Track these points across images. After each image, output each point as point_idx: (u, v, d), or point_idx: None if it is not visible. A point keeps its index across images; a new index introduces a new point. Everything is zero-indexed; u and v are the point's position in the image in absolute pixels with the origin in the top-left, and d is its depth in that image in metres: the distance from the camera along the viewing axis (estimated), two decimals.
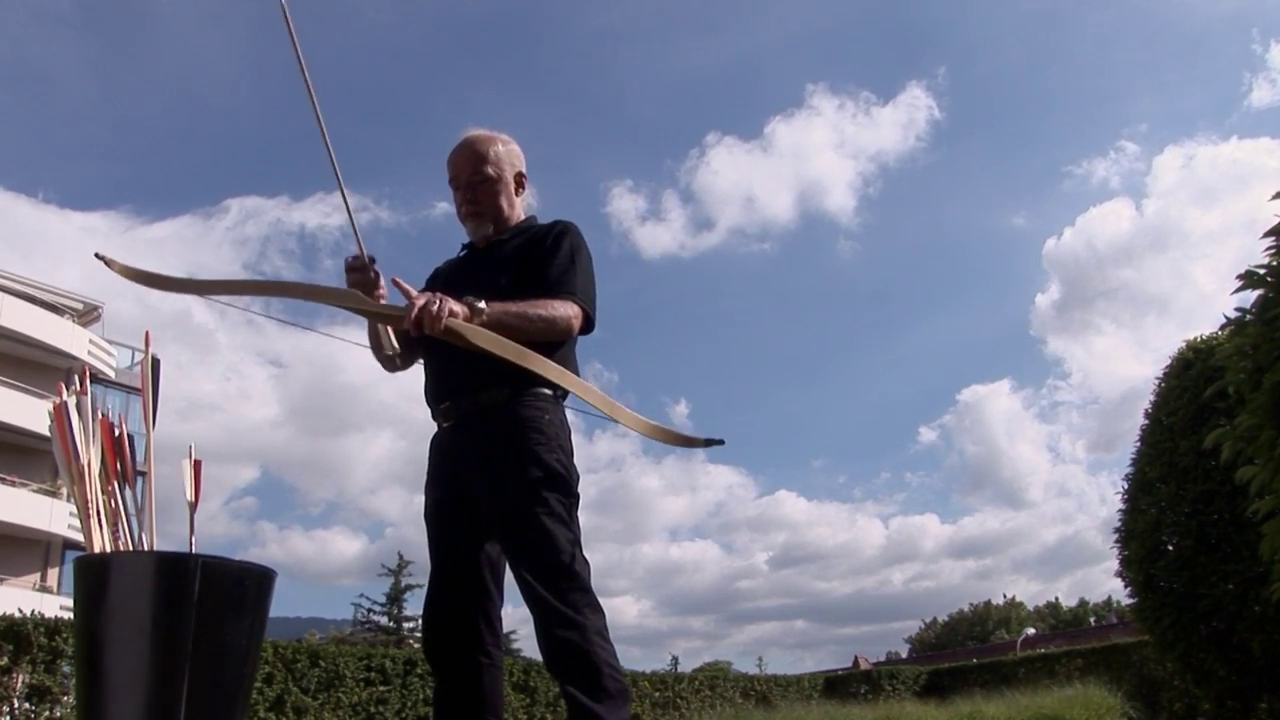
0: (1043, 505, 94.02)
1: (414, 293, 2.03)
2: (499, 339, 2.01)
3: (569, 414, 2.31)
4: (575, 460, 2.24)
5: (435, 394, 2.29)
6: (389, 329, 2.37)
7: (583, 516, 2.20)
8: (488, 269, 2.32)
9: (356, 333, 2.53)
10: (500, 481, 2.12)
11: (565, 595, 2.01)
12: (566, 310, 2.19)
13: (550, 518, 2.09)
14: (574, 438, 2.27)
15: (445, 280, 2.41)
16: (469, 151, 2.41)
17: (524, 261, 2.30)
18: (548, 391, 2.23)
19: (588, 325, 2.28)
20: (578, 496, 2.20)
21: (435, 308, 1.95)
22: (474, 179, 2.39)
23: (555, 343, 2.21)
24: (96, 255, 2.22)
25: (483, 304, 2.04)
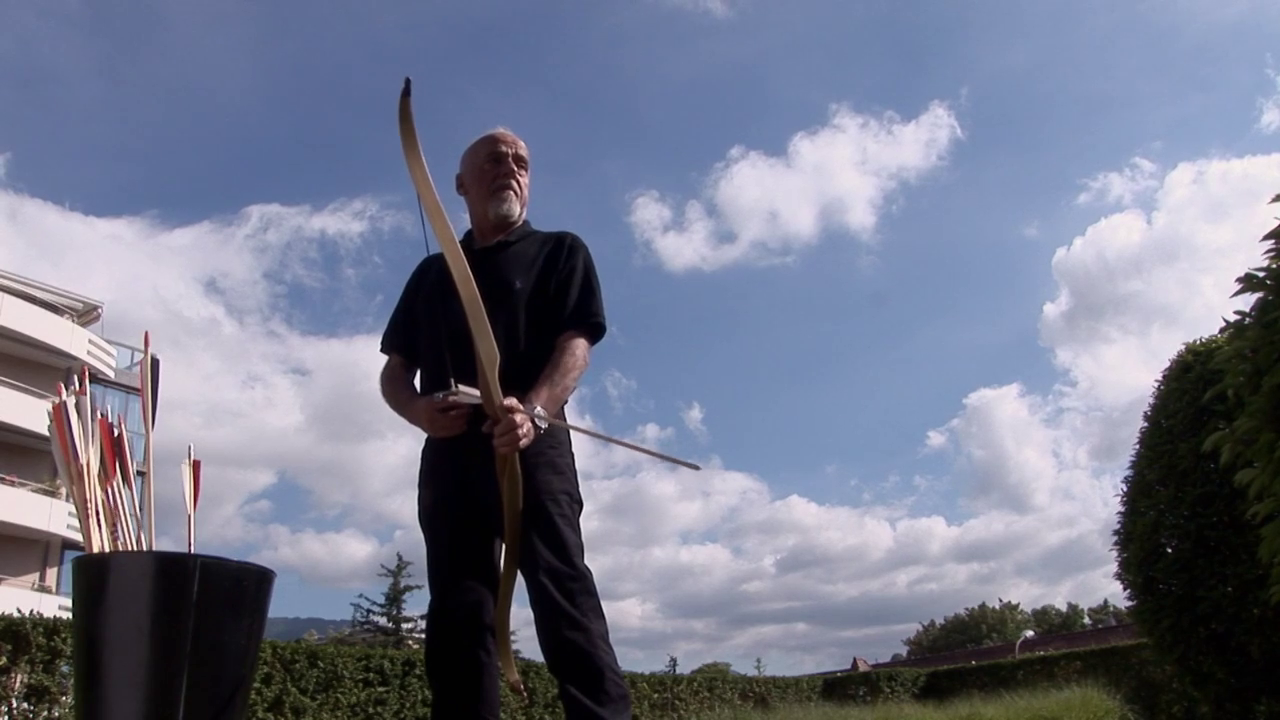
0: (1048, 509, 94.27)
1: (519, 408, 2.00)
2: (516, 493, 2.05)
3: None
4: (589, 465, 2.28)
5: (436, 392, 2.28)
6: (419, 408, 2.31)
7: (596, 520, 2.22)
8: (500, 271, 2.30)
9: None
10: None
11: (573, 597, 2.03)
12: (585, 352, 2.25)
13: (563, 520, 2.11)
14: (590, 444, 2.32)
15: (447, 280, 2.37)
16: (516, 137, 2.44)
17: (540, 272, 2.31)
18: None
19: (601, 335, 2.32)
20: (582, 503, 2.21)
21: (524, 434, 1.98)
22: (520, 159, 2.42)
23: None
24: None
25: (543, 418, 2.06)
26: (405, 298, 2.49)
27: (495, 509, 2.15)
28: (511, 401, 1.99)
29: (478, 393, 2.04)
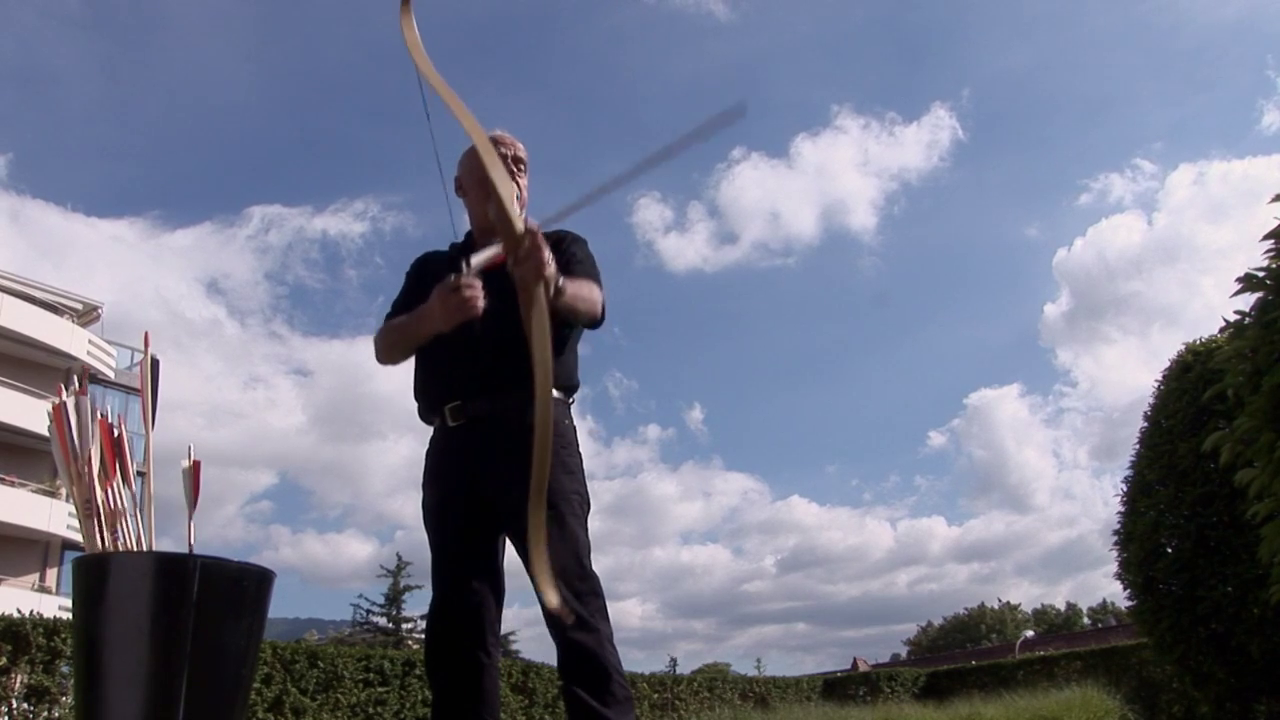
0: (1048, 509, 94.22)
1: (535, 227, 1.85)
2: (544, 328, 1.87)
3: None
4: (590, 465, 2.27)
5: (441, 393, 2.27)
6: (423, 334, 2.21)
7: (598, 520, 2.22)
8: (503, 272, 2.30)
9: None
10: (526, 485, 2.11)
11: (583, 599, 2.03)
12: (601, 297, 2.21)
13: (575, 520, 2.12)
14: (593, 445, 2.29)
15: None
16: (515, 139, 2.42)
17: None
18: (559, 395, 2.24)
19: (597, 324, 2.29)
20: (590, 503, 2.22)
21: (547, 262, 1.84)
22: (519, 161, 2.40)
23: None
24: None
25: (563, 281, 1.97)
26: (407, 285, 2.46)
27: (500, 509, 2.15)
28: (532, 224, 1.87)
29: (491, 249, 1.99)
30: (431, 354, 2.32)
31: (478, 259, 2.05)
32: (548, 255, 1.85)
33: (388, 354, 2.34)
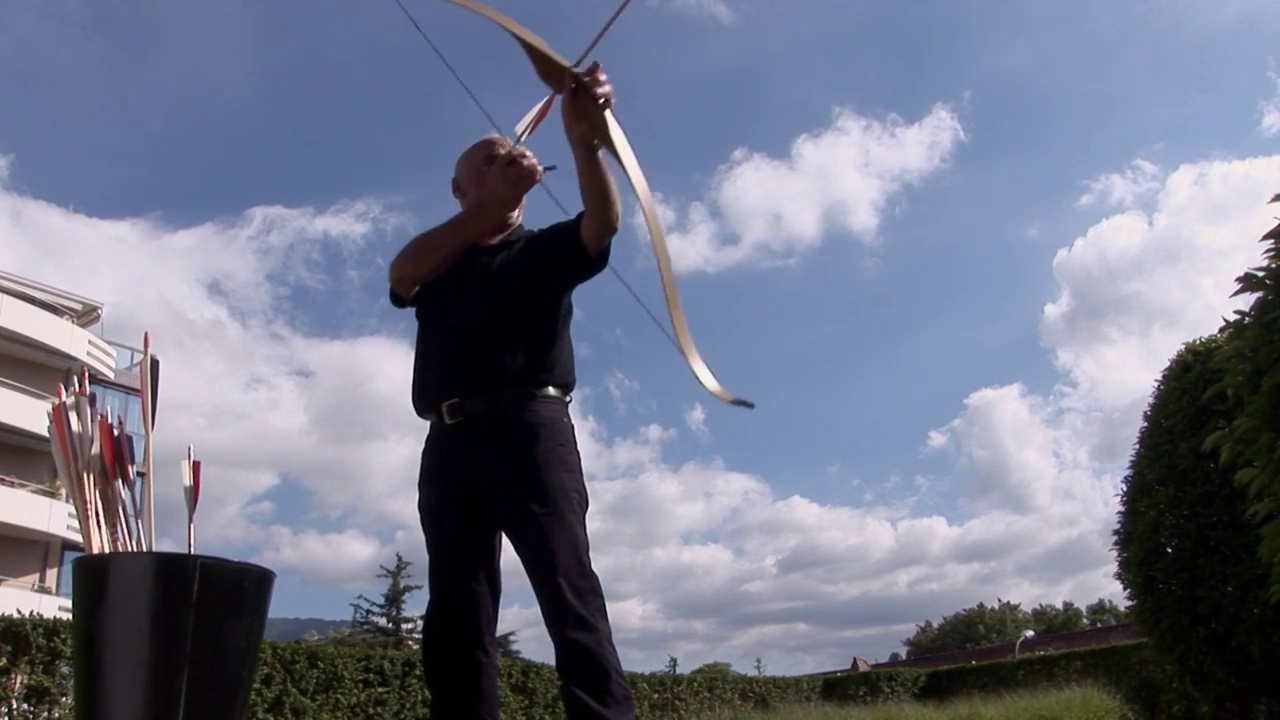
0: (1048, 509, 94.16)
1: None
2: (627, 148, 1.84)
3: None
4: (592, 466, 2.26)
5: (438, 390, 2.26)
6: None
7: (598, 521, 2.22)
8: (503, 270, 2.29)
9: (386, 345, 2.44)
10: (526, 483, 2.11)
11: (583, 597, 2.02)
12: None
13: (576, 519, 2.11)
14: (594, 445, 2.29)
15: (452, 277, 2.34)
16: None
17: (533, 257, 2.29)
18: (556, 393, 2.24)
19: (604, 257, 2.22)
20: (589, 501, 2.22)
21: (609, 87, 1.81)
22: None
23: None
24: None
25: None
26: None
27: (497, 507, 2.15)
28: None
29: (534, 110, 1.98)
30: (429, 351, 2.32)
31: (522, 125, 2.03)
32: (606, 84, 1.81)
33: (423, 258, 2.30)
